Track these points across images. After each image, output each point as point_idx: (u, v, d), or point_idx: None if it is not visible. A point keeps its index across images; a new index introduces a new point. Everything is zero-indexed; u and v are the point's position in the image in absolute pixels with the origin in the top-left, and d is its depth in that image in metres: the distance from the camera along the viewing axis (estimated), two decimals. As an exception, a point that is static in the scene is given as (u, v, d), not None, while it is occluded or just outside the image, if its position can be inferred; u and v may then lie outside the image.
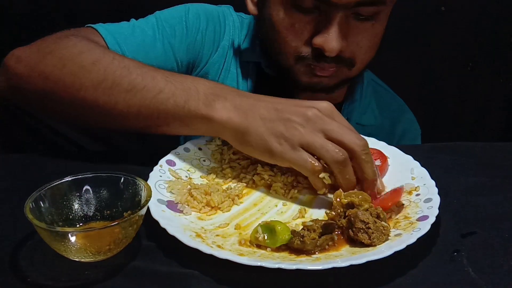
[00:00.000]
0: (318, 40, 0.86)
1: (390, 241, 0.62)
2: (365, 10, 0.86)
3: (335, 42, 0.85)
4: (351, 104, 1.07)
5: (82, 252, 0.58)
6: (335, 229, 0.65)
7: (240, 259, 0.58)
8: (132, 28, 0.94)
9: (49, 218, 0.62)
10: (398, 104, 1.17)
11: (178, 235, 0.61)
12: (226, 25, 1.05)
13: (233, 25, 1.05)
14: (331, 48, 0.85)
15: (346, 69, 0.92)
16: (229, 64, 1.04)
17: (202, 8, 1.03)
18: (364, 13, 0.86)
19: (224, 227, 0.68)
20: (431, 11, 1.57)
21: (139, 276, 0.58)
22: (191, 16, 1.00)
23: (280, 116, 0.70)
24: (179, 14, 1.00)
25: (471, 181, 0.80)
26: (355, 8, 0.84)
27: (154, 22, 0.97)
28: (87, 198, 0.65)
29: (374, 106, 1.11)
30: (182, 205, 0.70)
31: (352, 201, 0.67)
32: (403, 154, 0.81)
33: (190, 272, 0.59)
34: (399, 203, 0.70)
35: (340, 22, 0.84)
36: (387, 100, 1.15)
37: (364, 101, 1.09)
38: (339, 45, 0.85)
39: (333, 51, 0.85)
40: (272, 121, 0.70)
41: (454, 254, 0.63)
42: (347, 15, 0.85)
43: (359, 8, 0.85)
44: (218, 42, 1.03)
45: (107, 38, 0.88)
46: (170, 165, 0.77)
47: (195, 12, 1.01)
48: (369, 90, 1.11)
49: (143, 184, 0.64)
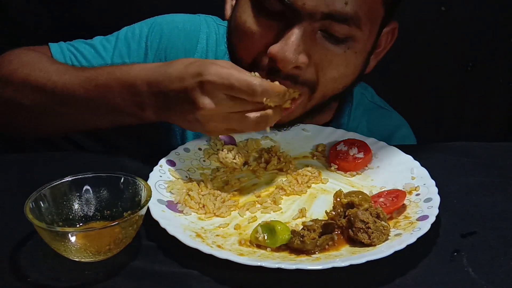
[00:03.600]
0: (274, 48, 0.75)
1: (390, 241, 0.62)
2: (336, 28, 0.75)
3: (290, 53, 0.74)
4: (337, 128, 0.94)
5: (82, 252, 0.58)
6: (335, 229, 0.65)
7: (240, 259, 0.58)
8: (85, 48, 0.96)
9: (49, 218, 0.62)
10: (391, 121, 1.08)
11: (178, 235, 0.61)
12: (199, 41, 1.00)
13: (207, 40, 1.00)
14: (284, 58, 0.74)
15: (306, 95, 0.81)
16: None
17: (169, 25, 0.99)
18: (335, 32, 0.76)
19: (224, 227, 0.68)
20: (431, 11, 1.57)
21: (139, 276, 0.58)
22: (154, 36, 0.98)
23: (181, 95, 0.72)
24: (141, 32, 0.99)
25: (471, 181, 0.80)
26: (324, 21, 0.75)
27: (113, 41, 0.98)
28: (87, 198, 0.65)
29: (364, 127, 1.02)
30: (182, 205, 0.70)
31: (352, 200, 0.67)
32: (403, 154, 0.81)
33: (190, 272, 0.59)
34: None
35: (303, 34, 0.74)
36: (380, 118, 1.06)
37: (351, 125, 1.00)
38: (294, 57, 0.74)
39: (286, 62, 0.74)
40: (180, 100, 0.72)
41: (454, 254, 0.63)
42: (314, 28, 0.75)
43: (329, 23, 0.75)
44: (194, 53, 0.99)
45: (56, 55, 0.93)
46: (170, 165, 0.77)
47: (159, 30, 0.98)
48: (358, 111, 1.03)
49: (143, 184, 0.64)
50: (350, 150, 0.83)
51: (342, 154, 0.82)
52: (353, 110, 1.02)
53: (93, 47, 0.97)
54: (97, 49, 0.97)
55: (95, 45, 0.97)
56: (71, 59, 0.94)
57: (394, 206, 0.69)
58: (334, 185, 0.78)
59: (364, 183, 0.79)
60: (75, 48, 0.96)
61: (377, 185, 0.78)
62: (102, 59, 0.95)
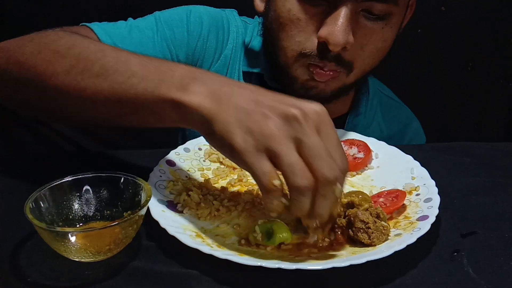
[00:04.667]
0: (324, 31, 0.81)
1: (390, 241, 0.62)
2: (377, 7, 0.81)
3: (341, 35, 0.79)
4: (355, 117, 1.03)
5: (82, 252, 0.58)
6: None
7: (240, 259, 0.58)
8: (130, 28, 0.90)
9: (49, 218, 0.62)
10: (404, 114, 1.13)
11: (178, 235, 0.61)
12: (230, 32, 1.00)
13: (237, 32, 1.00)
14: (337, 40, 0.80)
15: (344, 74, 0.88)
16: (231, 74, 0.99)
17: (205, 12, 0.98)
18: (376, 11, 0.82)
19: (224, 227, 0.68)
20: (431, 11, 1.57)
21: (139, 276, 0.58)
22: (193, 20, 0.95)
23: (256, 110, 0.58)
24: (180, 16, 0.95)
25: (471, 181, 0.80)
26: (366, 3, 0.80)
27: (153, 22, 0.93)
28: (87, 198, 0.65)
29: (380, 118, 1.07)
30: (182, 205, 0.70)
31: (352, 200, 0.67)
32: (403, 154, 0.81)
33: (190, 272, 0.59)
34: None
35: (348, 16, 0.80)
36: (393, 110, 1.11)
37: (369, 114, 1.05)
38: (345, 38, 0.80)
39: (338, 44, 0.80)
40: (246, 112, 0.57)
41: (454, 254, 0.63)
42: (356, 10, 0.81)
43: (371, 4, 0.81)
44: (221, 50, 0.98)
45: (102, 37, 0.85)
46: (170, 165, 0.77)
47: (197, 15, 0.96)
48: (375, 102, 1.07)
49: (143, 184, 0.64)
50: (350, 150, 0.83)
51: (342, 154, 0.82)
52: (370, 100, 1.05)
53: (137, 28, 0.91)
54: (141, 30, 0.90)
55: (137, 26, 0.92)
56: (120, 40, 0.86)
57: (394, 206, 0.69)
58: (334, 185, 0.78)
59: (364, 183, 0.79)
60: (118, 29, 0.88)
61: (377, 185, 0.77)
62: (150, 40, 0.91)
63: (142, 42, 0.90)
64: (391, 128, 1.06)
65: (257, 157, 0.56)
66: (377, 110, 1.07)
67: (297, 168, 0.55)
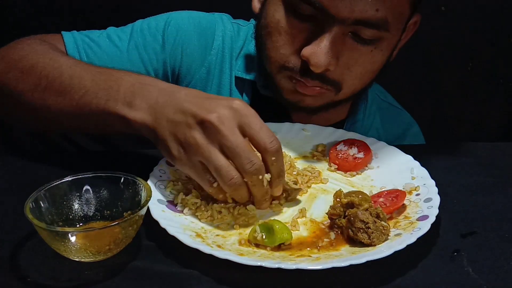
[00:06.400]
0: (307, 51, 0.79)
1: (390, 241, 0.62)
2: (365, 32, 0.79)
3: (323, 57, 0.78)
4: (353, 124, 1.01)
5: (82, 252, 0.58)
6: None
7: (240, 259, 0.58)
8: (100, 37, 0.92)
9: (49, 218, 0.62)
10: (403, 119, 1.11)
11: (178, 235, 0.61)
12: (215, 37, 0.98)
13: (224, 36, 0.98)
14: (317, 62, 0.78)
15: (332, 93, 0.86)
16: (219, 80, 0.97)
17: (186, 18, 0.97)
18: (364, 35, 0.79)
19: (224, 227, 0.67)
20: (431, 11, 1.57)
21: (139, 276, 0.58)
22: (171, 30, 0.95)
23: (182, 120, 0.65)
24: (157, 24, 0.95)
25: (471, 181, 0.80)
26: (354, 26, 0.78)
27: (128, 31, 0.94)
28: (87, 198, 0.65)
29: (378, 124, 1.05)
30: (182, 205, 0.70)
31: (352, 200, 0.67)
32: (403, 154, 0.81)
33: (190, 272, 0.59)
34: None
35: (334, 38, 0.78)
36: (392, 116, 1.09)
37: (367, 121, 1.03)
38: (326, 61, 0.78)
39: (319, 66, 0.79)
40: (175, 125, 0.66)
41: (454, 254, 0.63)
42: (344, 32, 0.79)
43: (359, 28, 0.78)
44: (204, 57, 0.97)
45: (69, 48, 0.89)
46: (170, 165, 0.77)
47: (176, 22, 0.96)
48: (373, 108, 1.05)
49: (143, 184, 0.64)
50: (350, 150, 0.83)
51: (342, 154, 0.82)
52: (368, 107, 1.04)
53: (108, 37, 0.93)
54: (112, 39, 0.93)
55: (110, 34, 0.94)
56: (85, 49, 0.90)
57: (394, 206, 0.69)
58: (334, 185, 0.78)
59: (364, 183, 0.79)
60: (89, 37, 0.92)
61: (377, 185, 0.77)
62: (117, 49, 0.92)
63: (108, 52, 0.91)
64: (389, 133, 1.05)
65: (192, 166, 0.66)
66: (376, 116, 1.06)
67: (223, 170, 0.63)
